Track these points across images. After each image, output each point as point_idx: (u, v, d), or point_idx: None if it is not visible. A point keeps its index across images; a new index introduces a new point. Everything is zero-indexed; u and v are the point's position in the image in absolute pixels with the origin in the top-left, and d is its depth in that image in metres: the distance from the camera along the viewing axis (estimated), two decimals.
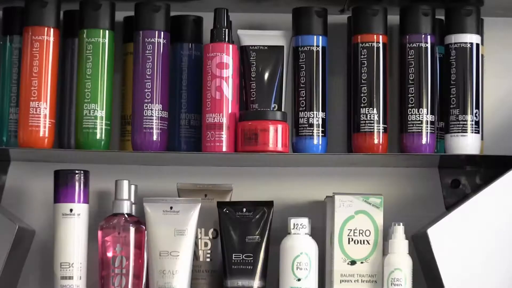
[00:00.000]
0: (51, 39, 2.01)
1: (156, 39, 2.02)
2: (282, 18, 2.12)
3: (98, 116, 2.01)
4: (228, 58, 2.01)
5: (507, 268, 2.12)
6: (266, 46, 2.07)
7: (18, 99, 2.03)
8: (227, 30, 2.03)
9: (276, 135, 1.98)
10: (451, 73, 2.05)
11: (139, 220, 2.04)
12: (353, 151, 2.05)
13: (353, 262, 2.03)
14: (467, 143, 2.02)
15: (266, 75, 2.06)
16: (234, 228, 2.04)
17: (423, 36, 2.04)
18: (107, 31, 2.02)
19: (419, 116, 2.03)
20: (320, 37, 2.04)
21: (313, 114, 2.03)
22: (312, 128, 2.03)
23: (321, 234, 2.07)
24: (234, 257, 2.02)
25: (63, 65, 2.08)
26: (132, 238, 2.04)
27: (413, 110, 2.04)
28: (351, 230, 2.04)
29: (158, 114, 2.02)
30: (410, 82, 2.04)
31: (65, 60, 2.09)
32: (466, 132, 2.02)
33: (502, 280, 2.12)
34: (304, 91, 2.04)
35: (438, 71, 2.08)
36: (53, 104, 2.02)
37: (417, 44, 2.04)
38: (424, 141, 2.02)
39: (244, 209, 2.04)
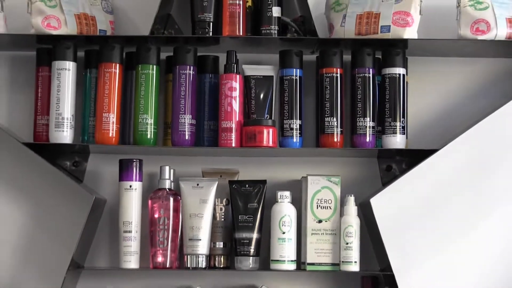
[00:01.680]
0: (117, 71, 2.08)
1: (187, 71, 2.08)
2: (272, 57, 2.14)
3: (148, 123, 2.07)
4: (236, 83, 2.07)
5: (429, 225, 2.15)
6: (261, 75, 2.11)
7: (95, 111, 2.09)
8: (235, 65, 2.08)
9: (268, 136, 2.05)
10: (385, 93, 2.09)
11: (176, 193, 2.10)
12: (320, 146, 2.12)
13: (320, 221, 2.08)
14: (396, 141, 2.08)
15: (261, 95, 2.10)
16: (240, 198, 2.09)
17: (367, 69, 2.08)
18: (154, 66, 2.08)
19: (364, 123, 2.08)
20: (298, 69, 2.10)
21: (293, 121, 2.09)
22: (292, 131, 2.09)
23: (298, 202, 2.12)
24: (240, 218, 2.08)
25: (125, 88, 2.12)
26: (171, 204, 2.09)
27: (360, 119, 2.09)
28: (318, 199, 2.09)
29: (188, 121, 2.07)
30: (358, 99, 2.09)
31: (126, 85, 2.12)
32: (396, 133, 2.08)
33: (428, 234, 2.16)
34: (287, 106, 2.08)
35: (377, 92, 2.10)
36: (118, 115, 2.08)
37: (363, 74, 2.08)
38: (367, 139, 2.08)
39: (247, 185, 2.10)
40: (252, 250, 2.08)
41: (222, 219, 2.12)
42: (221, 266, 2.11)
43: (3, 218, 2.19)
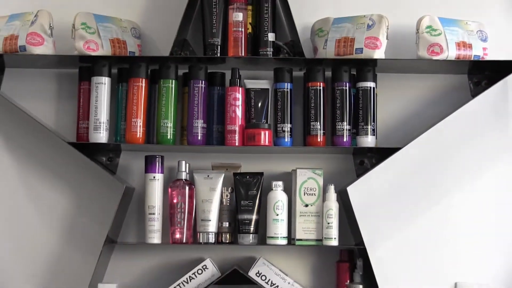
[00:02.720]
0: (143, 84, 2.07)
1: (200, 84, 2.07)
2: (268, 73, 2.13)
3: (168, 126, 2.07)
4: (239, 94, 2.07)
5: (394, 208, 2.15)
6: (259, 88, 2.11)
7: (126, 117, 2.08)
8: (238, 79, 2.08)
9: (265, 136, 2.05)
10: (359, 103, 2.09)
11: (190, 183, 2.10)
12: (306, 145, 2.11)
13: (306, 205, 2.08)
14: (368, 141, 2.08)
15: (259, 104, 2.09)
16: (242, 187, 2.09)
17: (344, 83, 2.08)
18: (173, 80, 2.07)
19: (342, 126, 2.08)
20: (289, 83, 2.09)
21: (285, 125, 2.08)
22: (284, 132, 2.08)
23: (289, 190, 2.11)
24: (242, 203, 2.08)
25: (150, 98, 2.10)
26: (187, 192, 2.08)
27: (339, 123, 2.08)
28: (305, 188, 2.09)
29: (201, 125, 2.06)
30: (337, 107, 2.08)
31: (150, 96, 2.11)
32: (368, 135, 2.07)
33: (394, 215, 2.16)
34: (280, 112, 2.08)
35: (352, 101, 2.09)
36: (144, 119, 2.07)
37: (341, 87, 2.08)
38: (345, 140, 2.08)
39: (248, 176, 2.10)
40: (252, 229, 2.07)
41: (228, 204, 2.11)
42: (227, 241, 2.10)
43: (51, 203, 2.16)
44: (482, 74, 2.15)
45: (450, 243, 2.16)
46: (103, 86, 2.06)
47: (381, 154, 2.11)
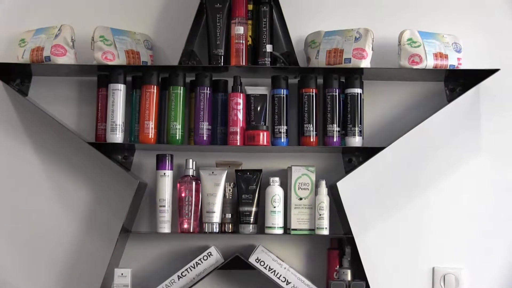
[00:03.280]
0: (155, 91, 2.07)
1: (205, 91, 2.08)
2: (266, 80, 2.14)
3: (177, 128, 2.07)
4: (240, 100, 2.07)
5: (379, 201, 2.15)
6: (258, 94, 2.11)
7: (139, 120, 2.08)
8: (240, 86, 2.08)
9: (263, 137, 2.05)
10: (348, 107, 2.09)
11: (197, 178, 2.10)
12: (300, 145, 2.10)
13: (300, 199, 2.08)
14: (355, 141, 2.08)
15: (258, 108, 2.10)
16: (243, 182, 2.09)
17: (334, 89, 2.09)
18: (181, 87, 2.08)
19: (332, 128, 2.08)
20: (285, 89, 2.09)
21: (281, 127, 2.08)
22: (281, 134, 2.08)
23: (285, 185, 2.11)
24: (243, 196, 2.08)
25: (160, 103, 2.10)
26: (193, 187, 2.08)
27: (329, 125, 2.08)
28: (299, 183, 2.09)
29: (206, 127, 2.07)
30: (328, 111, 2.08)
31: (161, 101, 2.11)
32: (355, 135, 2.08)
33: (378, 207, 2.16)
34: (277, 116, 2.08)
35: (342, 106, 2.10)
36: (155, 122, 2.07)
37: (331, 93, 2.08)
38: (335, 140, 2.08)
39: (248, 173, 2.10)
40: (252, 220, 2.08)
41: (230, 197, 2.11)
42: (229, 231, 2.10)
43: (73, 196, 2.16)
44: (457, 81, 2.16)
45: (428, 232, 2.16)
46: (119, 92, 2.07)
47: (367, 153, 2.11)
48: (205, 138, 2.07)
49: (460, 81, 2.15)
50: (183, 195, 2.09)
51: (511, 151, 2.18)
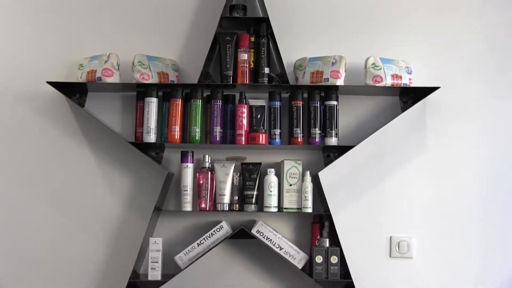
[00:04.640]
0: (180, 103, 2.10)
1: (218, 103, 2.11)
2: (264, 94, 2.16)
3: (197, 131, 2.10)
4: (244, 109, 2.10)
5: (351, 186, 2.15)
6: (259, 105, 2.14)
7: (168, 124, 2.10)
8: (244, 99, 2.11)
9: (262, 138, 2.07)
10: (326, 115, 2.11)
11: (212, 169, 2.12)
12: (290, 144, 2.12)
13: (290, 185, 2.10)
14: (332, 141, 2.11)
15: (259, 116, 2.13)
16: (247, 172, 2.12)
17: (316, 101, 2.11)
18: (200, 100, 2.11)
19: (315, 131, 2.11)
20: (279, 102, 2.12)
21: (276, 130, 2.11)
22: (276, 135, 2.11)
23: (279, 174, 2.13)
24: (247, 183, 2.11)
25: (184, 112, 2.12)
26: (209, 176, 2.10)
27: (312, 129, 2.11)
28: (290, 173, 2.11)
29: (219, 130, 2.10)
30: (311, 118, 2.11)
31: (185, 110, 2.12)
32: (332, 137, 2.11)
33: (350, 191, 2.15)
34: (273, 122, 2.11)
35: (322, 114, 2.12)
36: (180, 126, 2.10)
37: (314, 104, 2.11)
38: (317, 140, 2.11)
39: (251, 165, 2.12)
40: (253, 201, 2.10)
41: (237, 184, 2.14)
42: (236, 209, 2.12)
43: (117, 183, 2.17)
44: (408, 96, 2.16)
45: (386, 210, 2.17)
46: (152, 104, 2.09)
47: (341, 150, 2.13)
48: (218, 139, 2.10)
49: (411, 95, 2.15)
50: (201, 182, 2.11)
51: (450, 150, 2.18)
